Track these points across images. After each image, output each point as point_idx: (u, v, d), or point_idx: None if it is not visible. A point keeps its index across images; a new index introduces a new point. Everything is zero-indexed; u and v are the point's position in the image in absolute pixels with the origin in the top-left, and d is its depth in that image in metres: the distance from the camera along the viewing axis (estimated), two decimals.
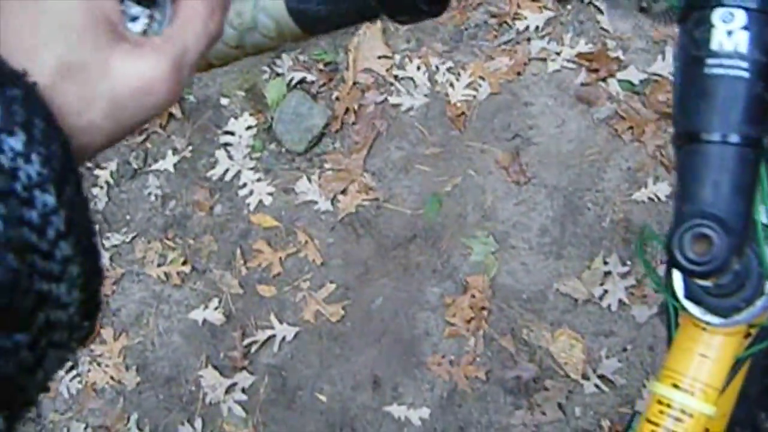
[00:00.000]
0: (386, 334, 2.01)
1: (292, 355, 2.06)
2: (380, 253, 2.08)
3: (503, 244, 2.02)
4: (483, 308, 1.97)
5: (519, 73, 2.17)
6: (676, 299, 0.59)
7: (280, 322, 2.07)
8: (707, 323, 0.59)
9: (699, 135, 0.43)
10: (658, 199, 1.95)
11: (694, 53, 0.44)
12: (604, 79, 2.12)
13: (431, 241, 2.06)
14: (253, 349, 2.07)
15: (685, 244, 0.41)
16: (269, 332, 2.07)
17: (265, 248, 2.14)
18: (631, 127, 2.07)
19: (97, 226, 1.93)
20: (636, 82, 2.11)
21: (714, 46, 0.43)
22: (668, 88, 2.10)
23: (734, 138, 0.42)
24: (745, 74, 0.42)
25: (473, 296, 1.98)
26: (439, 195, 2.09)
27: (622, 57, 2.13)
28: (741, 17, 0.42)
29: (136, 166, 2.31)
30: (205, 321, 2.13)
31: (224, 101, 2.31)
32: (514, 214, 2.05)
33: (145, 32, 0.40)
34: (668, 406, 0.60)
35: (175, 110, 2.31)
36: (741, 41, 0.43)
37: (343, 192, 2.15)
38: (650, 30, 2.13)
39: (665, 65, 2.08)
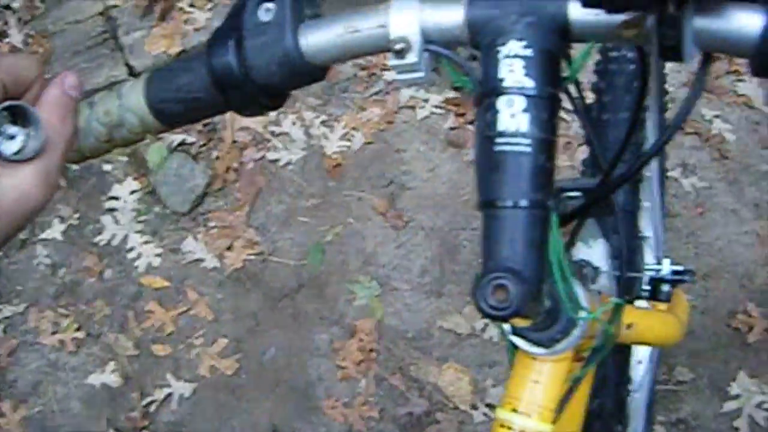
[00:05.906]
0: (281, 382, 2.06)
1: (191, 411, 2.08)
2: (269, 305, 2.14)
3: (386, 287, 2.10)
4: (371, 350, 2.04)
5: (390, 122, 2.27)
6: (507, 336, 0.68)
7: (177, 379, 2.09)
8: (534, 354, 0.67)
9: (495, 202, 0.50)
10: None
11: (485, 133, 0.51)
12: (471, 122, 2.23)
13: (317, 290, 2.13)
14: (153, 408, 2.09)
15: (487, 294, 0.47)
16: (167, 390, 2.09)
17: (157, 308, 2.17)
18: None
19: None
20: None
21: (500, 127, 0.50)
22: None
23: (523, 203, 0.50)
24: (528, 149, 0.50)
25: (361, 339, 2.05)
26: (321, 244, 2.17)
27: None
28: (521, 102, 0.50)
29: (23, 237, 2.32)
30: (103, 385, 2.14)
31: (107, 167, 2.34)
32: (395, 258, 2.13)
33: (22, 149, 0.47)
34: (509, 428, 0.66)
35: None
36: (522, 122, 0.50)
37: (229, 248, 2.20)
38: None
39: None
